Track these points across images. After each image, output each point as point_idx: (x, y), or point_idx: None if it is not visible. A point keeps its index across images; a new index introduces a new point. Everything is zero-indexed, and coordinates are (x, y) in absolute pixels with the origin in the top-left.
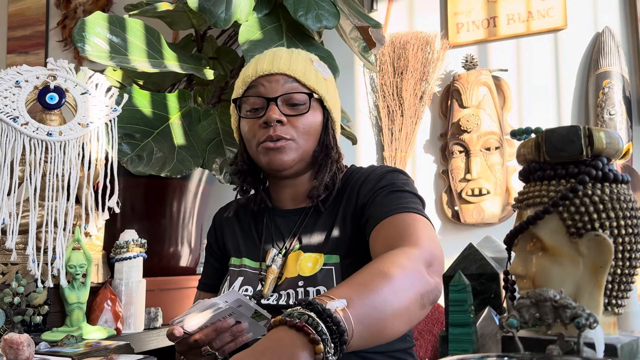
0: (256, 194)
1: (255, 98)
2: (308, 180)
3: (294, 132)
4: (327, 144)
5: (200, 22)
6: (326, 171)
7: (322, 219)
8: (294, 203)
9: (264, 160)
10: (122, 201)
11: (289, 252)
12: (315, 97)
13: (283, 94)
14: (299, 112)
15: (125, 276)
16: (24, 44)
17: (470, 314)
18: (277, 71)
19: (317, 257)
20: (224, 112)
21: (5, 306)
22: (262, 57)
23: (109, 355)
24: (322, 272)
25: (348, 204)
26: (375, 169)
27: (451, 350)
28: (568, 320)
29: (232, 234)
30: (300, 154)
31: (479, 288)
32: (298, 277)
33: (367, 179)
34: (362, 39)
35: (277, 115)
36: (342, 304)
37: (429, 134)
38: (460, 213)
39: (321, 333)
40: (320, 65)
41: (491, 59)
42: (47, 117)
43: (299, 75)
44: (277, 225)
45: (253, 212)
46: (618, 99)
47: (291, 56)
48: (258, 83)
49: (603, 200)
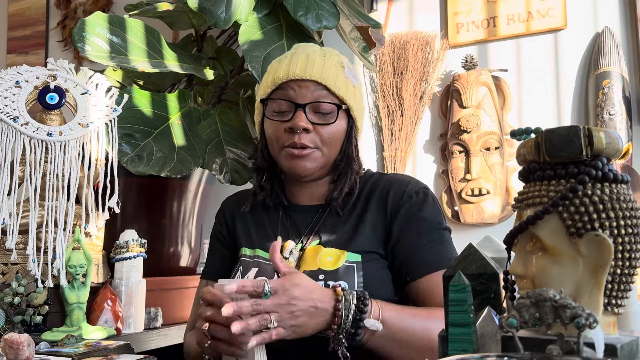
0: (271, 190)
1: (284, 101)
2: (327, 182)
3: (319, 140)
4: (349, 154)
5: (200, 22)
6: (346, 181)
7: (343, 218)
8: (310, 200)
9: (286, 165)
10: (122, 201)
11: (306, 246)
12: (344, 107)
13: (312, 102)
14: (326, 121)
15: (125, 276)
16: (24, 44)
17: (470, 314)
18: (309, 77)
19: (340, 253)
20: (224, 112)
21: (6, 306)
22: (295, 59)
23: (109, 355)
24: (344, 267)
25: (377, 213)
26: (406, 186)
27: (451, 350)
28: (568, 320)
29: (244, 224)
30: (323, 162)
31: (478, 288)
32: (319, 270)
33: (401, 199)
34: (362, 39)
35: (304, 123)
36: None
37: (429, 134)
38: (460, 213)
39: (344, 322)
40: (351, 71)
41: (491, 59)
42: (47, 117)
43: (330, 83)
44: (294, 220)
45: (266, 206)
46: (618, 99)
47: (324, 61)
48: (288, 86)
49: (603, 200)
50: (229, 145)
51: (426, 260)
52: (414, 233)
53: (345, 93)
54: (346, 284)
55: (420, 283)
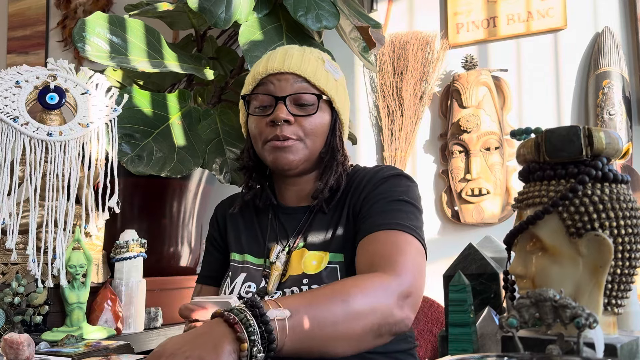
0: (261, 191)
1: (264, 96)
2: (313, 179)
3: (301, 132)
4: (333, 146)
5: (200, 22)
6: (331, 173)
7: (326, 218)
8: (298, 201)
9: (270, 159)
10: (122, 201)
11: (293, 249)
12: (325, 98)
13: (292, 93)
14: (307, 112)
15: (125, 276)
16: (24, 44)
17: (470, 313)
18: (287, 70)
19: (322, 255)
20: (224, 112)
21: (6, 306)
22: (274, 55)
23: (109, 355)
24: (327, 270)
25: (351, 203)
26: (379, 170)
27: (451, 350)
28: (568, 320)
29: (235, 228)
30: (307, 154)
31: (478, 288)
32: (302, 275)
33: (370, 180)
34: (362, 39)
35: (284, 115)
36: (283, 315)
37: (428, 134)
38: (460, 213)
39: (251, 333)
40: (332, 66)
41: (491, 59)
42: (47, 117)
43: (309, 75)
44: (282, 223)
45: (256, 208)
46: (618, 99)
47: (303, 55)
48: (268, 81)
49: (603, 200)
50: (229, 145)
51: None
52: (372, 202)
53: (326, 85)
54: None
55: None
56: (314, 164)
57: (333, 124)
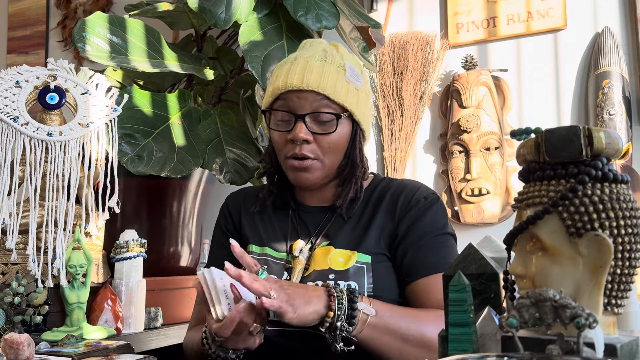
0: (282, 193)
1: (284, 112)
2: (334, 186)
3: (320, 151)
4: (353, 159)
5: (200, 22)
6: (350, 186)
7: (354, 221)
8: (319, 202)
9: (290, 177)
10: (122, 201)
11: (316, 246)
12: (344, 116)
13: (311, 112)
14: (326, 130)
15: (125, 276)
16: (24, 44)
17: (470, 313)
18: (306, 88)
19: (350, 254)
20: (224, 112)
21: (6, 306)
22: (294, 68)
23: (109, 355)
24: (355, 268)
25: (386, 217)
26: (416, 191)
27: (451, 350)
28: (568, 320)
29: (251, 222)
30: (326, 171)
31: (478, 288)
32: (329, 269)
33: (409, 202)
34: (362, 39)
35: (303, 135)
36: (369, 311)
37: (428, 134)
38: (460, 213)
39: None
40: (354, 73)
41: (491, 59)
42: (48, 117)
43: (329, 92)
44: (303, 220)
45: (274, 204)
46: (618, 99)
47: (323, 68)
48: (287, 97)
49: (603, 200)
50: (229, 145)
51: (425, 262)
52: (417, 234)
53: (346, 99)
54: (356, 285)
55: (417, 285)
56: (334, 175)
57: (353, 136)
